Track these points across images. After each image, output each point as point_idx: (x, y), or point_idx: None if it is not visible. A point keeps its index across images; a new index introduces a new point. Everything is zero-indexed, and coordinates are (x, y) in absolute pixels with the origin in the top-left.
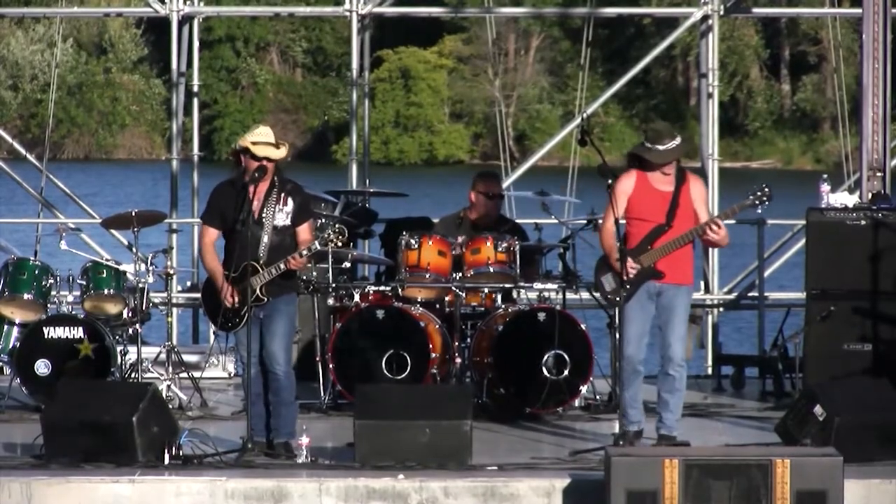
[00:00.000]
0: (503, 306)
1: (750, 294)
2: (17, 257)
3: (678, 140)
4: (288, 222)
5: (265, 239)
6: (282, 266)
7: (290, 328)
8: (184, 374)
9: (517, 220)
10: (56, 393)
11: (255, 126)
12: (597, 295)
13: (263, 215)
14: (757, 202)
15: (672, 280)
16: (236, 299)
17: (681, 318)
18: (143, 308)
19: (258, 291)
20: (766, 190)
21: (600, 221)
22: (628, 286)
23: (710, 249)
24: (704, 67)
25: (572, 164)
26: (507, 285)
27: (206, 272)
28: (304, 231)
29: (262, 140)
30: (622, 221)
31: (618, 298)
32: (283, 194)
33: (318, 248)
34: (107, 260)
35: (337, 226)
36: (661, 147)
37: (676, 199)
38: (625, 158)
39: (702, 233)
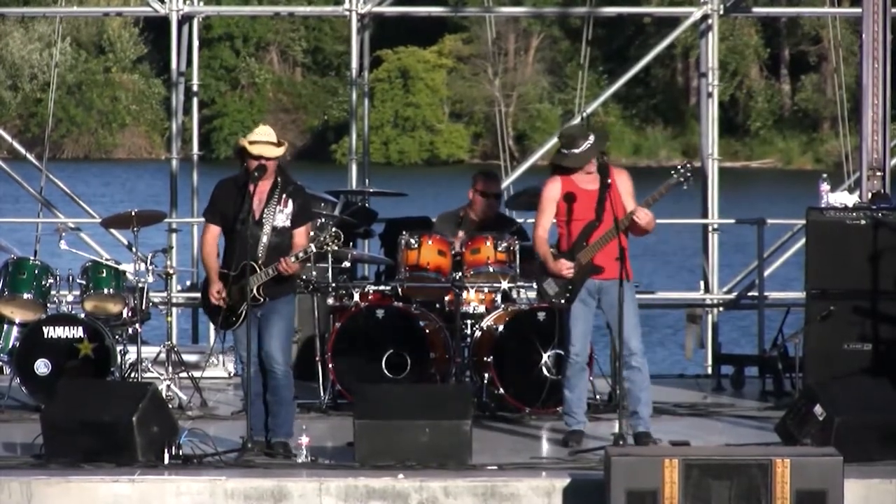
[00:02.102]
0: (503, 306)
1: (750, 294)
2: (17, 257)
3: (592, 138)
4: (288, 223)
5: (264, 239)
6: (274, 269)
7: (289, 328)
8: (183, 374)
9: (517, 220)
10: (56, 393)
11: (256, 126)
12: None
13: (264, 216)
14: (682, 179)
15: (611, 276)
16: (224, 298)
17: (629, 312)
18: (143, 308)
19: (255, 292)
20: (688, 166)
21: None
22: (570, 286)
23: (710, 248)
24: (704, 67)
25: None
26: (506, 285)
27: (203, 268)
28: (299, 234)
29: (259, 139)
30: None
31: (562, 301)
32: (284, 195)
33: (314, 251)
34: (106, 259)
35: (333, 229)
36: (576, 150)
37: (603, 195)
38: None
39: (628, 222)
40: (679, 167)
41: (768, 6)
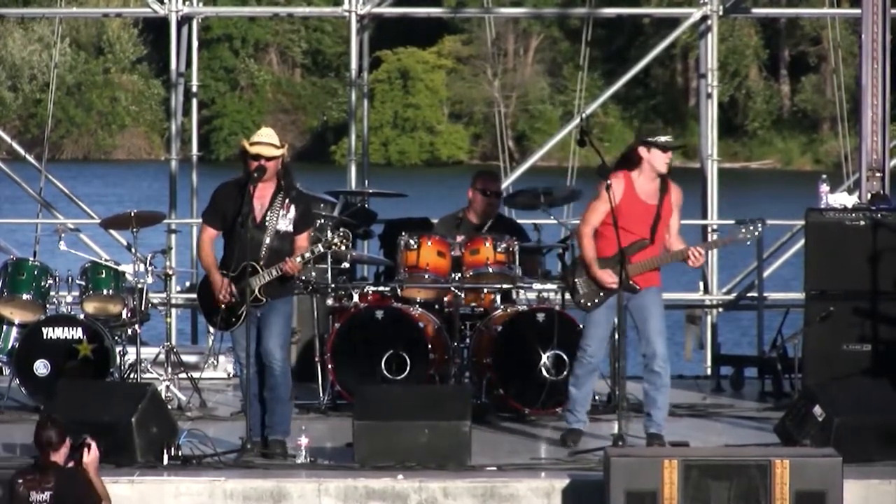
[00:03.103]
0: (502, 307)
1: (749, 294)
2: (17, 257)
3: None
4: (290, 228)
5: (266, 242)
6: (279, 269)
7: (287, 326)
8: (183, 375)
9: (517, 221)
10: (55, 393)
11: (257, 128)
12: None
13: (267, 219)
14: (749, 236)
15: (643, 284)
16: (233, 291)
17: (656, 315)
18: (143, 308)
19: (257, 292)
20: (759, 225)
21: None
22: (601, 294)
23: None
24: (704, 68)
25: (571, 165)
26: (506, 286)
27: (203, 268)
28: (301, 239)
29: (259, 140)
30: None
31: (589, 304)
32: (287, 200)
33: (321, 251)
34: (106, 260)
35: (341, 230)
36: (662, 138)
37: (659, 214)
38: (616, 160)
39: (682, 258)
40: (749, 223)
41: (768, 7)
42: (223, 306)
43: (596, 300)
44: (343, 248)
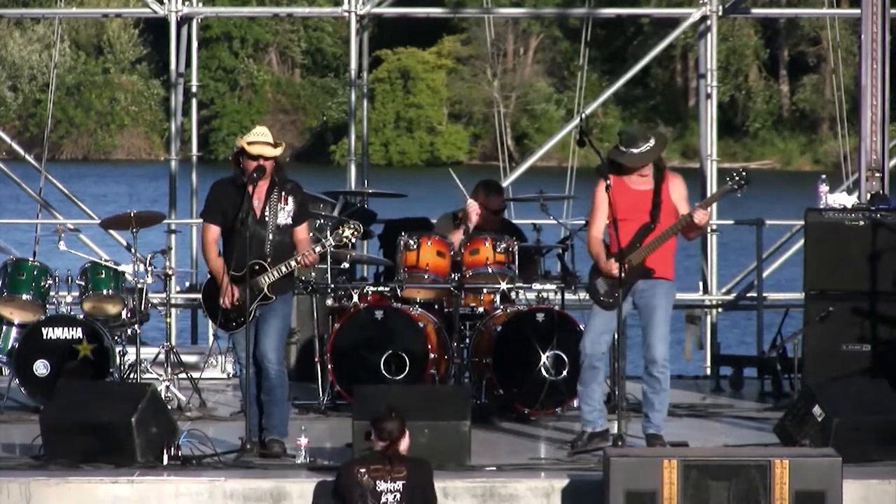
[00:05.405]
0: (502, 307)
1: (749, 294)
2: (16, 258)
3: (652, 142)
4: (289, 221)
5: (270, 237)
6: (293, 263)
7: (285, 327)
8: (182, 375)
9: (516, 221)
10: (55, 394)
11: (253, 127)
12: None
13: (266, 215)
14: (736, 187)
15: (655, 270)
16: (236, 296)
17: (662, 318)
18: (142, 309)
19: (265, 290)
20: (744, 174)
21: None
22: (620, 287)
23: (709, 249)
24: (703, 68)
25: (571, 165)
26: (505, 286)
27: (209, 270)
28: (301, 230)
29: (257, 139)
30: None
31: (611, 300)
32: (283, 193)
33: (333, 244)
34: (105, 260)
35: (352, 222)
36: (635, 151)
37: (658, 197)
38: (597, 168)
39: (686, 223)
40: (734, 174)
41: (767, 7)
42: (228, 306)
43: (616, 294)
44: (354, 240)
